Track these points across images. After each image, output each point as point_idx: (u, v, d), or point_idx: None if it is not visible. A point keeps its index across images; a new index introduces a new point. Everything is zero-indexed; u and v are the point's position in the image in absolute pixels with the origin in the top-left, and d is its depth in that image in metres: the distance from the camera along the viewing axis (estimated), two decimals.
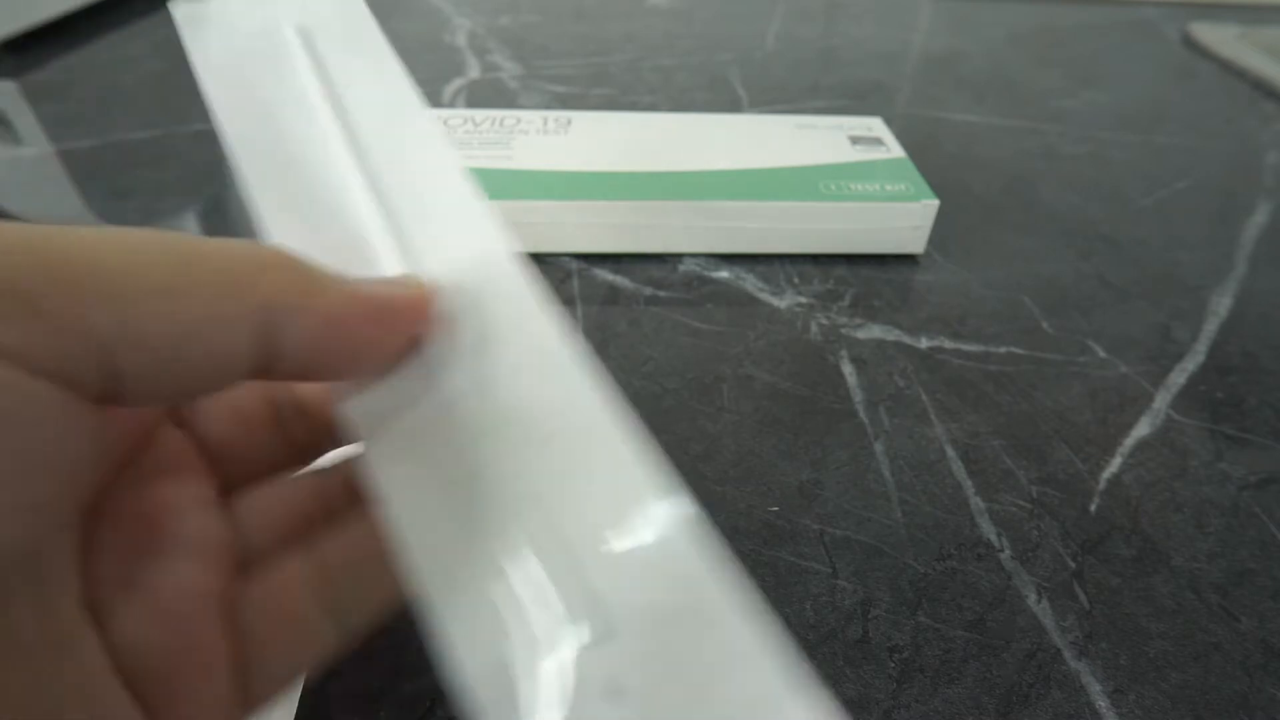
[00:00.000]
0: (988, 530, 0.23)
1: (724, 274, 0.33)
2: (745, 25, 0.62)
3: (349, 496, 0.15)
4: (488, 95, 0.48)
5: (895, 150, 0.37)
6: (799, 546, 0.22)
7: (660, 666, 0.11)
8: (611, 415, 0.13)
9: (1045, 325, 0.31)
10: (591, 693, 0.11)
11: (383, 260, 0.15)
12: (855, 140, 0.37)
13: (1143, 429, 0.27)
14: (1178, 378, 0.29)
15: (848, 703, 0.19)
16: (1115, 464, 0.25)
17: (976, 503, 0.24)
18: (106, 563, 0.12)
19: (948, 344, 0.30)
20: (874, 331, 0.30)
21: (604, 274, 0.33)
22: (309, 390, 0.16)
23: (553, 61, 0.54)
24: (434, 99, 0.48)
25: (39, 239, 0.10)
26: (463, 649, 0.12)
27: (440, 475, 0.13)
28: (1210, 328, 0.31)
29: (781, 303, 0.32)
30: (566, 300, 0.31)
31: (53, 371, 0.10)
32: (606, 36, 0.59)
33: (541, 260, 0.34)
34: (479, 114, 0.38)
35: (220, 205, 0.37)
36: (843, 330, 0.30)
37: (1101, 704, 0.19)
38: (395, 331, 0.14)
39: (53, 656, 0.11)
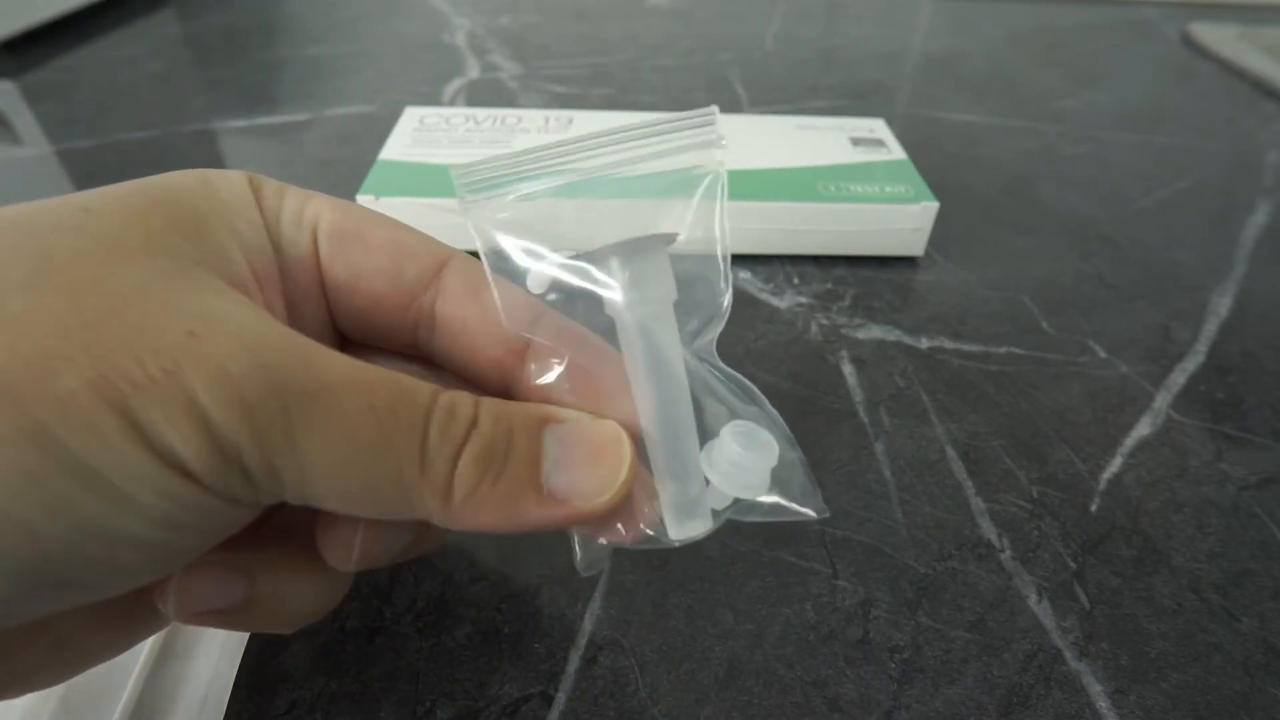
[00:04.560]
0: (988, 530, 0.23)
1: None
2: (745, 25, 0.62)
3: None
4: (488, 95, 0.48)
5: (896, 152, 0.37)
6: (799, 547, 0.22)
7: None
8: None
9: (1045, 325, 0.31)
10: None
11: None
12: (856, 141, 0.37)
13: (1143, 429, 0.26)
14: (1178, 378, 0.29)
15: (848, 703, 0.19)
16: (1116, 464, 0.25)
17: (977, 503, 0.24)
18: None
19: (948, 344, 0.30)
20: (874, 332, 0.30)
21: None
22: None
23: (553, 61, 0.54)
24: (434, 99, 0.48)
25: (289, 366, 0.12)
26: None
27: None
28: (1210, 328, 0.31)
29: (782, 303, 0.32)
30: None
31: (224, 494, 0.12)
32: (606, 36, 0.59)
33: None
34: (480, 112, 0.38)
35: None
36: (843, 330, 0.30)
37: (1102, 704, 0.19)
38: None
39: None
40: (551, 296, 0.16)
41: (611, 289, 0.15)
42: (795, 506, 0.16)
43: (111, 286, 0.11)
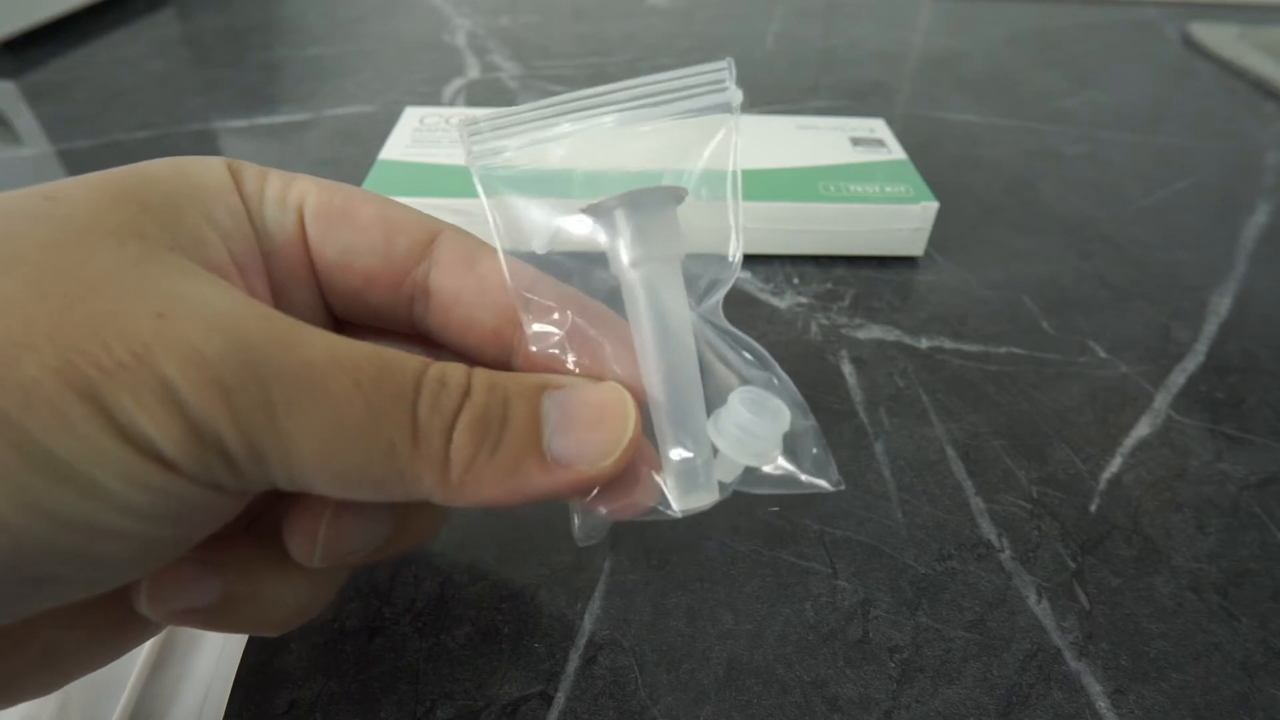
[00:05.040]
0: (988, 530, 0.23)
1: None
2: (745, 25, 0.62)
3: None
4: (488, 95, 0.48)
5: (896, 152, 0.37)
6: (799, 547, 0.22)
7: None
8: None
9: (1045, 325, 0.31)
10: None
11: None
12: (856, 141, 0.37)
13: (1143, 429, 0.26)
14: (1178, 378, 0.29)
15: (848, 703, 0.19)
16: (1115, 464, 0.25)
17: (977, 503, 0.24)
18: None
19: (948, 344, 0.30)
20: (874, 332, 0.30)
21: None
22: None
23: (552, 61, 0.54)
24: (433, 99, 0.48)
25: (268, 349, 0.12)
26: None
27: None
28: (1210, 328, 0.31)
29: (782, 303, 0.32)
30: None
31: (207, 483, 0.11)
32: (606, 36, 0.59)
33: None
34: (480, 112, 0.38)
35: None
36: (843, 330, 0.30)
37: (1102, 704, 0.19)
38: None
39: None
40: (556, 255, 0.15)
41: (615, 244, 0.14)
42: (808, 478, 0.15)
43: (79, 274, 0.11)
